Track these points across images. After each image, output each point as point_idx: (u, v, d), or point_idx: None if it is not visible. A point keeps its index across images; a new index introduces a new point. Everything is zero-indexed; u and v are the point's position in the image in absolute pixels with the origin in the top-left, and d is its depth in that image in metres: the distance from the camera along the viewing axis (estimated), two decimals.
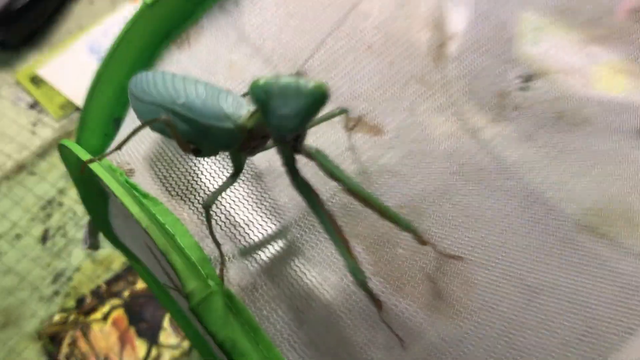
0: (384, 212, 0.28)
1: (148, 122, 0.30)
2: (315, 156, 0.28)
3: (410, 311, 0.30)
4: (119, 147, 0.32)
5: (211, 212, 0.32)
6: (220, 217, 0.33)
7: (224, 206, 0.34)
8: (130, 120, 0.41)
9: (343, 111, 0.34)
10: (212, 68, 0.40)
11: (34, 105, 0.81)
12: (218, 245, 0.30)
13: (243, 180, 0.35)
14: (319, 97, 0.25)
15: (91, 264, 0.69)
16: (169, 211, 0.32)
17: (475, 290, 0.31)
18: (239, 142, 0.30)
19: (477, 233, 0.32)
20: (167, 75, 0.32)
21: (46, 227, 0.72)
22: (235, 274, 0.31)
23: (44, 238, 0.72)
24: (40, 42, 0.86)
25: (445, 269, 0.31)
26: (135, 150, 0.37)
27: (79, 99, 0.79)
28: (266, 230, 0.33)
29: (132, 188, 0.32)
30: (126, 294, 0.67)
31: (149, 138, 0.37)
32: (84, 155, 0.33)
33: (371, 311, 0.29)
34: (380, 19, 0.40)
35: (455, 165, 0.34)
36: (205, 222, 0.30)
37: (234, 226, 0.33)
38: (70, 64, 0.82)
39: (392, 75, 0.38)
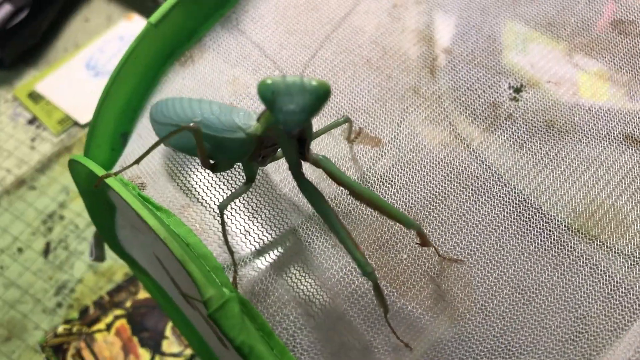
0: (391, 213, 0.30)
1: (176, 131, 0.32)
2: (322, 163, 0.30)
3: (416, 314, 0.32)
4: (137, 162, 0.33)
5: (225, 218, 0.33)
6: (231, 227, 0.34)
7: (234, 217, 0.35)
8: (137, 136, 0.43)
9: (347, 120, 0.36)
10: (216, 84, 0.42)
11: (32, 121, 0.82)
12: (231, 252, 0.32)
13: (251, 191, 0.36)
14: (322, 93, 0.27)
15: (93, 276, 0.70)
16: (182, 222, 0.33)
17: (477, 293, 0.32)
18: (250, 151, 0.32)
19: (477, 237, 0.34)
20: (184, 100, 0.34)
21: (48, 241, 0.73)
22: (247, 281, 0.32)
23: (46, 251, 0.73)
24: (37, 59, 0.87)
25: (448, 272, 0.33)
26: (145, 164, 0.39)
27: (77, 114, 0.81)
28: (273, 237, 0.34)
29: (145, 201, 0.34)
30: (128, 304, 0.68)
31: (157, 152, 0.39)
32: (99, 171, 0.35)
33: (379, 314, 0.31)
34: (377, 34, 0.42)
35: (453, 173, 0.36)
36: (221, 229, 0.31)
37: (244, 235, 0.34)
38: (68, 80, 0.83)
39: (390, 88, 0.39)
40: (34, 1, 0.83)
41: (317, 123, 0.38)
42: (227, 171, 0.36)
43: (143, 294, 0.68)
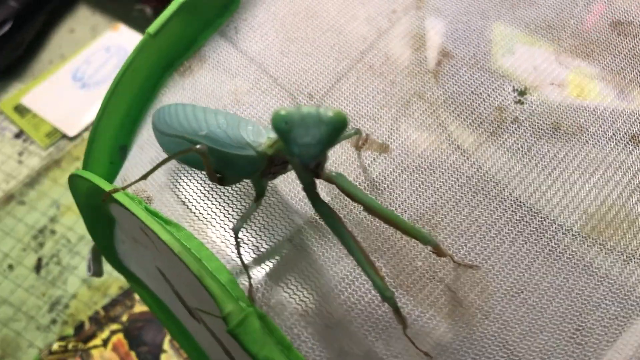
0: (407, 230, 0.30)
1: (183, 151, 0.32)
2: (337, 180, 0.30)
3: (435, 322, 0.32)
4: (144, 177, 0.32)
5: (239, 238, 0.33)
6: (242, 239, 0.34)
7: (244, 229, 0.35)
8: (138, 149, 0.42)
9: (357, 131, 0.35)
10: (217, 94, 0.41)
11: (19, 135, 0.80)
12: (246, 267, 0.31)
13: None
14: (339, 124, 0.26)
15: (87, 291, 0.69)
16: (193, 236, 0.33)
17: (494, 298, 0.32)
18: (261, 169, 0.31)
19: (491, 242, 0.34)
20: (188, 107, 0.34)
21: (39, 256, 0.72)
22: (262, 294, 0.32)
23: (38, 267, 0.71)
24: (22, 72, 0.86)
25: (464, 279, 0.33)
26: (150, 177, 0.38)
27: (65, 126, 0.79)
28: (286, 249, 0.34)
29: (154, 215, 0.33)
30: (125, 318, 0.67)
31: (163, 166, 0.38)
32: (106, 185, 0.34)
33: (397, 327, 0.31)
34: (378, 40, 0.42)
35: (463, 178, 0.36)
36: (235, 248, 0.31)
37: (253, 250, 0.34)
38: (54, 92, 0.82)
39: (394, 94, 0.39)
40: (17, 13, 0.82)
41: None
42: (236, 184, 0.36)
43: (139, 308, 0.67)
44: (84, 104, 0.81)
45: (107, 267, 0.53)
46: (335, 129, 0.26)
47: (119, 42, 0.86)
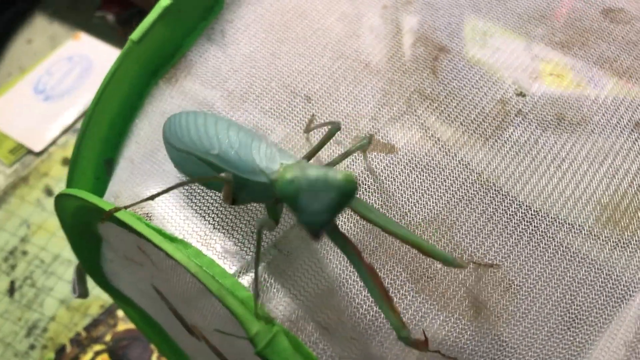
0: (429, 251, 0.29)
1: (208, 178, 0.31)
2: (354, 206, 0.29)
3: (461, 326, 0.31)
4: (152, 198, 0.30)
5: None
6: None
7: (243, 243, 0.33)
8: (127, 162, 0.40)
9: (370, 139, 0.34)
10: (208, 100, 0.39)
11: None
12: (258, 282, 0.30)
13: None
14: (349, 188, 0.25)
15: (67, 312, 0.66)
16: (202, 253, 0.31)
17: (519, 297, 0.31)
18: (275, 196, 0.30)
19: (509, 239, 0.33)
20: (199, 119, 0.32)
21: (12, 279, 0.69)
22: (284, 308, 0.30)
23: (11, 290, 0.68)
24: None
25: (486, 278, 0.32)
26: (145, 192, 0.36)
27: (30, 141, 0.76)
28: (302, 259, 0.32)
29: (158, 233, 0.31)
30: (108, 337, 0.64)
31: (160, 180, 0.36)
32: (106, 204, 0.32)
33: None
34: (371, 37, 0.41)
35: (474, 174, 0.35)
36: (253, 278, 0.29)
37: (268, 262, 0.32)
38: (16, 106, 0.79)
39: (394, 92, 0.38)
40: None
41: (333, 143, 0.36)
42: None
43: (123, 325, 0.65)
44: (49, 117, 0.77)
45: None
46: (346, 194, 0.25)
47: (81, 51, 0.83)
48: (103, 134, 0.41)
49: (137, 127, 0.41)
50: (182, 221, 0.34)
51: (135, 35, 0.39)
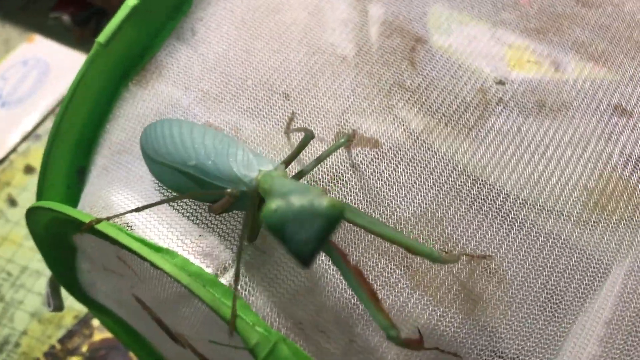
0: (414, 249, 0.28)
1: (211, 192, 0.30)
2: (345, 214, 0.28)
3: (458, 321, 0.30)
4: (138, 210, 0.29)
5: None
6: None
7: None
8: (101, 170, 0.38)
9: (352, 135, 0.33)
10: (183, 102, 0.38)
11: None
12: (236, 283, 0.29)
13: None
14: (336, 215, 0.24)
15: (39, 325, 0.64)
16: (190, 262, 0.30)
17: (513, 287, 0.31)
18: (255, 204, 0.29)
19: (500, 229, 0.33)
20: (175, 129, 0.31)
21: None
22: (276, 314, 0.29)
23: None
24: None
25: (480, 270, 0.31)
26: (122, 201, 0.35)
27: None
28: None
29: (142, 244, 0.30)
30: (85, 348, 0.63)
31: (137, 187, 0.35)
32: (84, 216, 0.30)
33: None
34: (346, 31, 0.40)
35: (460, 166, 0.34)
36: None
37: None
38: None
39: (374, 85, 0.37)
40: None
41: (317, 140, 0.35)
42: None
43: (100, 335, 0.63)
44: (7, 124, 0.75)
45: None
46: (332, 221, 0.24)
47: (37, 54, 0.80)
48: (73, 142, 0.40)
49: (108, 132, 0.39)
50: (165, 229, 0.32)
51: (102, 37, 0.38)
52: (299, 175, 0.32)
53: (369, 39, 0.39)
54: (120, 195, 0.35)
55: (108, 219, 0.30)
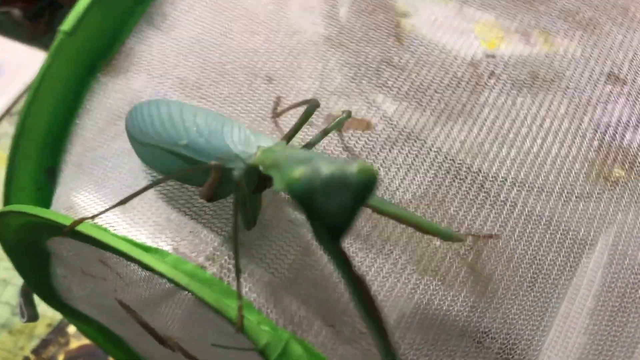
0: (422, 227, 0.27)
1: (193, 169, 0.26)
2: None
3: (469, 304, 0.29)
4: (124, 202, 0.27)
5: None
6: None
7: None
8: (75, 168, 0.36)
9: (348, 115, 0.31)
10: (159, 91, 0.36)
11: None
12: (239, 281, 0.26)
13: None
14: (370, 181, 0.21)
15: (9, 336, 0.61)
16: (183, 260, 0.28)
17: (523, 265, 0.30)
18: (253, 183, 0.27)
19: (503, 207, 0.31)
20: (163, 108, 0.29)
21: None
22: (282, 311, 0.27)
23: None
24: None
25: (488, 251, 0.30)
26: (102, 201, 0.32)
27: None
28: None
29: (130, 244, 0.28)
30: (61, 357, 0.60)
31: (117, 184, 0.32)
32: (64, 219, 0.28)
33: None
34: (327, 8, 0.38)
35: (457, 143, 0.33)
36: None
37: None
38: None
39: (361, 64, 0.36)
40: None
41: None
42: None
43: (76, 342, 0.60)
44: None
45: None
46: (368, 188, 0.21)
47: None
48: (40, 141, 0.37)
49: (80, 128, 0.37)
50: (151, 227, 0.30)
51: (67, 25, 0.35)
52: (306, 148, 0.30)
53: (351, 17, 0.38)
54: (100, 193, 0.32)
55: (92, 217, 0.28)
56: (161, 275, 0.26)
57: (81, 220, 0.27)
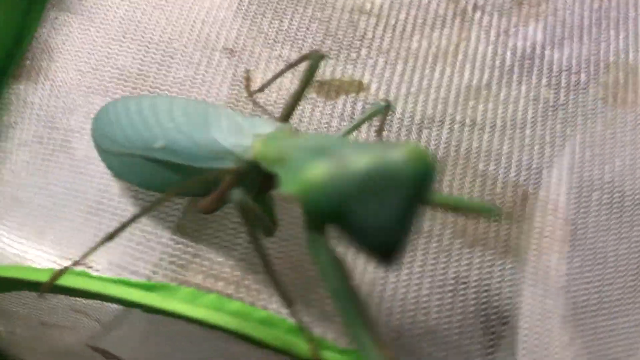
0: (472, 208, 0.22)
1: (189, 183, 0.20)
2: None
3: (496, 261, 0.25)
4: (110, 238, 0.20)
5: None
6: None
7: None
8: (7, 202, 0.29)
9: (388, 105, 0.25)
10: (95, 86, 0.29)
11: None
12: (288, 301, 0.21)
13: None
14: (426, 171, 0.14)
15: None
16: (203, 293, 0.22)
17: (568, 227, 0.27)
18: (255, 184, 0.21)
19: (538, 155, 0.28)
20: (132, 106, 0.22)
21: None
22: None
23: None
24: None
25: (530, 207, 0.26)
26: (65, 236, 0.26)
27: None
28: None
29: (124, 284, 0.22)
30: None
31: (75, 211, 0.26)
32: (40, 274, 0.21)
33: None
34: None
35: (461, 87, 0.29)
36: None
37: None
38: None
39: (331, 18, 0.31)
40: None
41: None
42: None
43: None
44: None
45: None
46: (424, 186, 0.14)
47: None
48: None
49: (2, 150, 0.29)
50: (135, 261, 0.24)
51: None
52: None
53: None
54: (55, 230, 0.26)
55: (77, 263, 0.21)
56: (188, 319, 0.20)
57: (62, 272, 0.21)
